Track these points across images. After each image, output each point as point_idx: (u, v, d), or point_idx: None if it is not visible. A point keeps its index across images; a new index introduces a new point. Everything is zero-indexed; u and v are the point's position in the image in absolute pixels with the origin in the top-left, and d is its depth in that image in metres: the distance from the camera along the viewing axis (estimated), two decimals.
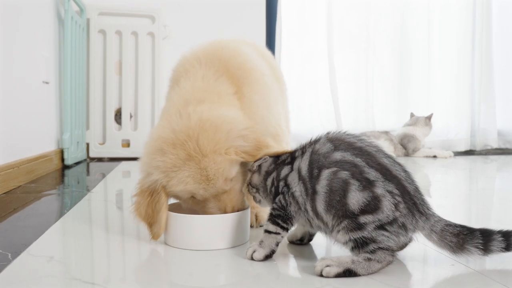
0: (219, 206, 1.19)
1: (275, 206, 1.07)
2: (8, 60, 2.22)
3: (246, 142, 1.15)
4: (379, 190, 0.95)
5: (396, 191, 0.95)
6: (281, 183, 1.08)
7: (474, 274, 0.99)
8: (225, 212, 1.19)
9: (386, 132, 3.92)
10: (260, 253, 1.07)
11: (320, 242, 1.15)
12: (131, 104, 3.67)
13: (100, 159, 3.56)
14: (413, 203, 0.97)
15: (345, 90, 4.07)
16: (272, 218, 1.07)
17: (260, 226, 1.41)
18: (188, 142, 1.12)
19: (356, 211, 0.95)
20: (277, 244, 1.08)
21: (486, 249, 0.96)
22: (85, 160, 3.47)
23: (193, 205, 1.23)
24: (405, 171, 1.00)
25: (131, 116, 3.67)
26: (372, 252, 0.95)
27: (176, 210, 1.28)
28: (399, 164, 1.01)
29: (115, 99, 3.65)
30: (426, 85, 4.20)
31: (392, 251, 0.97)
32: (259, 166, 1.14)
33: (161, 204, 1.17)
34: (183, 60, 1.41)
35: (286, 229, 1.07)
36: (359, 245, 0.96)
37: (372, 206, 0.94)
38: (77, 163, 3.21)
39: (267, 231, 1.07)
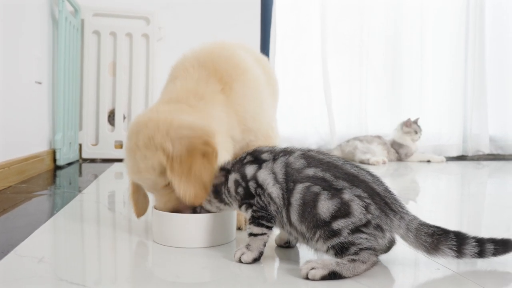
0: (158, 199, 1.26)
1: (255, 208, 1.07)
2: (0, 59, 2.21)
3: (180, 145, 1.15)
4: (347, 195, 0.97)
5: (364, 194, 0.98)
6: (251, 184, 1.08)
7: (460, 279, 1.00)
8: (165, 208, 1.24)
9: (379, 137, 3.94)
10: (249, 256, 1.07)
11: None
12: (125, 105, 3.66)
13: (92, 160, 3.55)
14: (384, 203, 0.98)
15: (339, 94, 4.09)
16: (256, 220, 1.06)
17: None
18: (133, 135, 1.20)
19: (327, 219, 0.97)
20: (264, 245, 1.08)
21: (460, 251, 0.98)
22: (77, 161, 3.46)
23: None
24: (372, 175, 1.03)
25: (124, 118, 3.66)
26: (355, 253, 0.96)
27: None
28: (366, 170, 1.04)
29: (108, 100, 3.64)
30: (419, 90, 4.23)
31: (375, 251, 0.98)
32: None
33: (130, 186, 1.31)
34: (184, 59, 1.45)
35: (271, 228, 1.07)
36: (339, 251, 0.97)
37: (342, 211, 0.96)
38: (69, 164, 3.20)
39: (252, 234, 1.07)
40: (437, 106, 4.27)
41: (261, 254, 1.08)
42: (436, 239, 0.98)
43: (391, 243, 1.07)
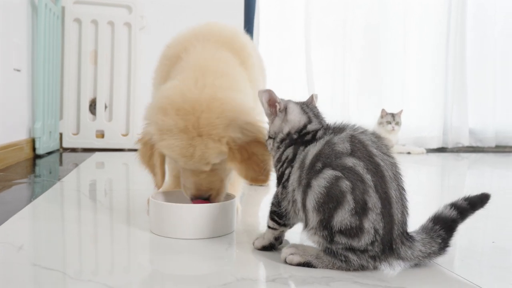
0: (194, 181, 1.21)
1: (273, 200, 1.06)
2: None
3: (244, 136, 1.15)
4: (367, 224, 0.90)
5: (381, 231, 0.90)
6: (287, 169, 1.02)
7: (439, 268, 1.01)
8: (199, 190, 1.21)
9: None
10: (259, 242, 1.09)
11: (295, 230, 1.15)
12: (106, 94, 3.62)
13: (73, 150, 3.51)
14: (389, 246, 0.92)
15: (322, 86, 4.09)
16: (270, 214, 1.06)
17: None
18: (191, 115, 1.12)
19: (335, 227, 0.91)
20: (275, 239, 1.08)
21: (450, 231, 1.01)
22: (58, 150, 3.42)
23: (178, 168, 1.26)
24: (403, 214, 0.94)
25: (106, 107, 3.62)
26: (341, 261, 0.94)
27: (165, 198, 1.33)
28: (403, 203, 0.95)
29: (90, 89, 3.59)
30: (401, 83, 4.26)
31: (362, 268, 0.94)
32: (286, 109, 1.06)
33: (156, 159, 1.23)
34: (180, 37, 1.47)
35: (284, 225, 1.05)
36: (328, 252, 0.95)
37: (352, 233, 0.90)
38: (49, 153, 3.16)
39: (267, 225, 1.07)
40: (419, 99, 4.31)
41: (271, 245, 1.08)
42: (434, 251, 0.96)
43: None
